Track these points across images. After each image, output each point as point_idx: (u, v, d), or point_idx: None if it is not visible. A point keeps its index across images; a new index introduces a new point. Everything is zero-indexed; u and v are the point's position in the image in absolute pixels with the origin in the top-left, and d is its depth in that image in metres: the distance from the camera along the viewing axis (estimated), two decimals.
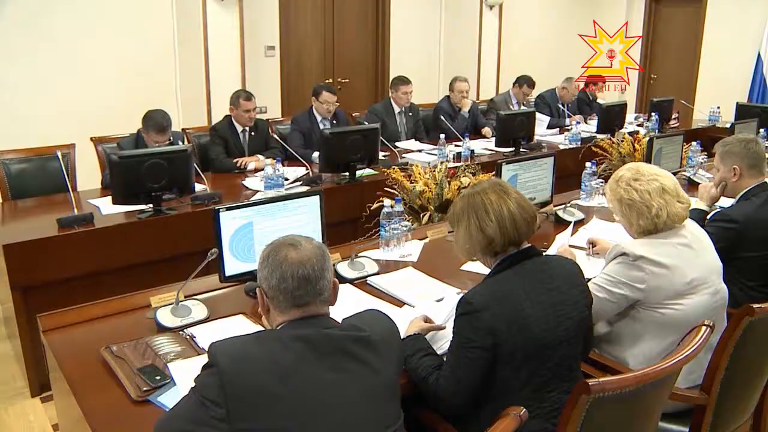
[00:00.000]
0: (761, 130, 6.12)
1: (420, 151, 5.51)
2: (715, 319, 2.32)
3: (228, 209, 2.52)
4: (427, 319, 2.27)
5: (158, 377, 1.97)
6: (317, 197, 2.76)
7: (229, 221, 2.51)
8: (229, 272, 2.55)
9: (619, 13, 10.70)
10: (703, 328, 1.93)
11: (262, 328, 2.12)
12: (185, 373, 1.95)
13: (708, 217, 3.21)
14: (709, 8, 9.92)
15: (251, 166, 4.76)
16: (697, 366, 2.31)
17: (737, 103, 7.60)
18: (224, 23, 6.47)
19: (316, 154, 4.86)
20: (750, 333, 2.16)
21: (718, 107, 7.98)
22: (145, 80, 6.23)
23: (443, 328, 2.23)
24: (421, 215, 3.74)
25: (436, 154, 5.14)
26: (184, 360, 2.09)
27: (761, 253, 2.93)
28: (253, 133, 5.06)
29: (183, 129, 5.24)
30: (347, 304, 2.36)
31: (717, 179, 3.21)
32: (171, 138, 4.34)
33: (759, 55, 9.27)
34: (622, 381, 1.67)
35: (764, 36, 9.19)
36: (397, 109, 6.06)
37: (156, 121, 4.24)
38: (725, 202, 3.37)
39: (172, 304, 2.42)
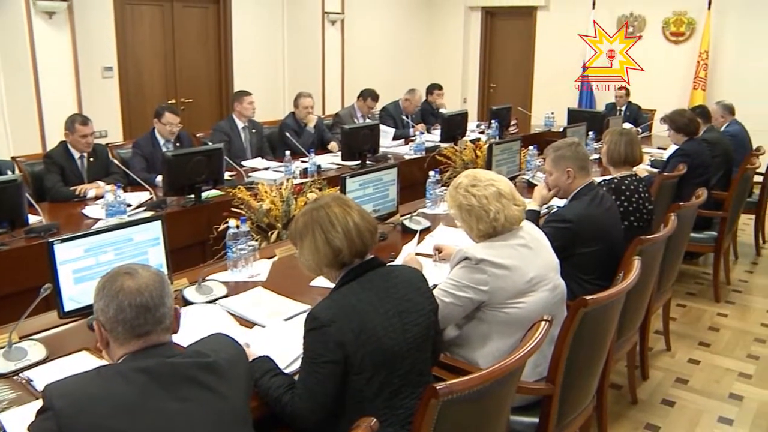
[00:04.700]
0: (590, 133, 6.57)
1: (266, 169, 5.46)
2: (556, 313, 2.44)
3: (63, 240, 2.40)
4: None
5: None
6: (159, 222, 2.68)
7: (66, 253, 2.40)
8: (68, 307, 2.43)
9: (456, 27, 11.14)
10: (542, 323, 2.03)
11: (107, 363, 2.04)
12: (21, 422, 1.82)
13: (546, 217, 3.40)
14: (539, 22, 10.53)
15: (91, 193, 4.54)
16: (542, 359, 2.44)
17: (568, 108, 8.12)
18: (54, 43, 6.14)
19: (159, 178, 4.72)
20: (585, 323, 2.30)
21: (552, 113, 8.44)
22: None
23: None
24: (269, 233, 3.73)
25: (282, 171, 5.12)
26: (18, 407, 1.97)
27: (593, 248, 3.12)
28: (92, 159, 4.83)
29: (12, 157, 4.91)
30: (196, 329, 2.32)
31: (551, 182, 3.37)
32: None
33: (584, 64, 9.93)
34: (469, 381, 1.73)
35: (587, 48, 9.86)
36: (240, 125, 5.96)
37: None
38: (558, 201, 3.58)
39: (5, 347, 2.26)
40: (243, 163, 5.55)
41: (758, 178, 5.79)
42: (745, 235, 6.42)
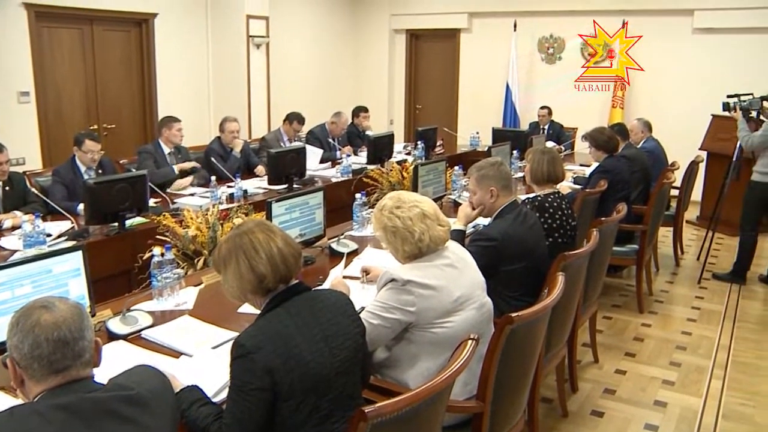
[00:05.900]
0: (514, 152, 6.70)
1: (193, 194, 5.39)
2: (484, 331, 2.48)
3: None
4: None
5: None
6: (80, 252, 2.61)
7: None
8: None
9: (381, 50, 11.25)
10: (469, 341, 2.04)
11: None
12: None
13: (471, 236, 3.44)
14: (462, 44, 10.74)
15: (7, 223, 4.38)
16: (471, 377, 2.45)
17: (493, 128, 8.26)
18: None
19: (81, 206, 4.59)
20: (513, 339, 2.33)
21: (478, 132, 8.61)
22: None
23: None
24: (196, 260, 3.66)
25: (208, 197, 5.06)
26: None
27: (518, 265, 3.16)
28: (7, 188, 4.67)
29: None
30: (120, 362, 2.25)
31: (476, 201, 3.41)
32: None
33: (507, 84, 10.14)
34: (397, 403, 1.72)
35: (509, 68, 10.08)
36: (166, 150, 5.87)
37: None
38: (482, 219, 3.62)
39: None
40: (168, 189, 5.45)
41: (674, 192, 6.03)
42: (665, 246, 6.64)
